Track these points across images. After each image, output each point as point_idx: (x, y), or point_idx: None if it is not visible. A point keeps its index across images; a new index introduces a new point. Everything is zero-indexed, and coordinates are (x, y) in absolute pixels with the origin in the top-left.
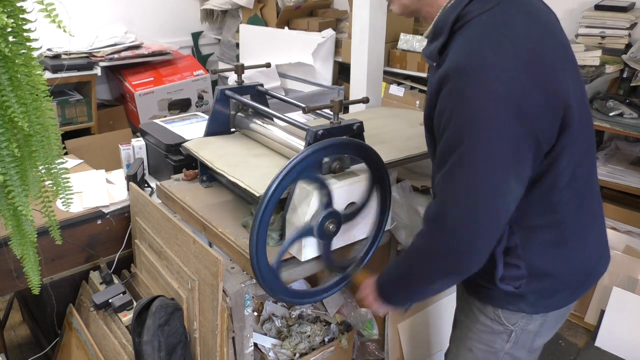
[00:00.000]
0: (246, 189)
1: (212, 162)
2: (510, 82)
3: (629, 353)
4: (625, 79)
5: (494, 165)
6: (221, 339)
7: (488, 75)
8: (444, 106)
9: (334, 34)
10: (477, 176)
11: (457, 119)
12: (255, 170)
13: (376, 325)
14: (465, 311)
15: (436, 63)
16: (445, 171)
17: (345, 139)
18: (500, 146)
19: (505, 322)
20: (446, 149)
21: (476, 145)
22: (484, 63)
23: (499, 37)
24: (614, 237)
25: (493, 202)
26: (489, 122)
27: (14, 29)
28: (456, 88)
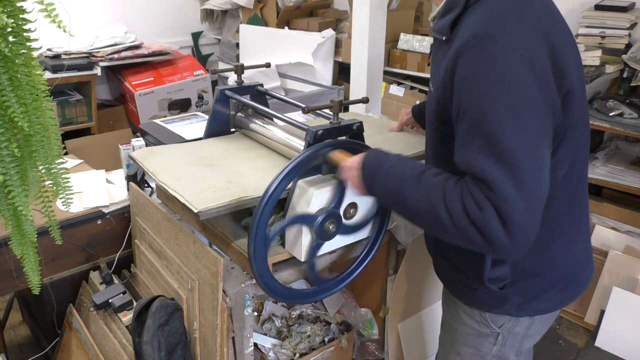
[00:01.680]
0: (185, 204)
1: (155, 173)
2: (533, 49)
3: (629, 353)
4: (625, 79)
5: (534, 132)
6: (221, 339)
7: (512, 39)
8: (466, 75)
9: (334, 34)
10: (518, 142)
11: (486, 82)
12: (199, 183)
13: (376, 325)
14: (452, 314)
15: (446, 37)
16: (478, 145)
17: (345, 139)
18: (535, 112)
19: (492, 324)
20: (475, 120)
21: (510, 110)
22: (507, 28)
23: (520, 8)
24: (614, 237)
25: (541, 177)
26: (519, 83)
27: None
28: (480, 52)
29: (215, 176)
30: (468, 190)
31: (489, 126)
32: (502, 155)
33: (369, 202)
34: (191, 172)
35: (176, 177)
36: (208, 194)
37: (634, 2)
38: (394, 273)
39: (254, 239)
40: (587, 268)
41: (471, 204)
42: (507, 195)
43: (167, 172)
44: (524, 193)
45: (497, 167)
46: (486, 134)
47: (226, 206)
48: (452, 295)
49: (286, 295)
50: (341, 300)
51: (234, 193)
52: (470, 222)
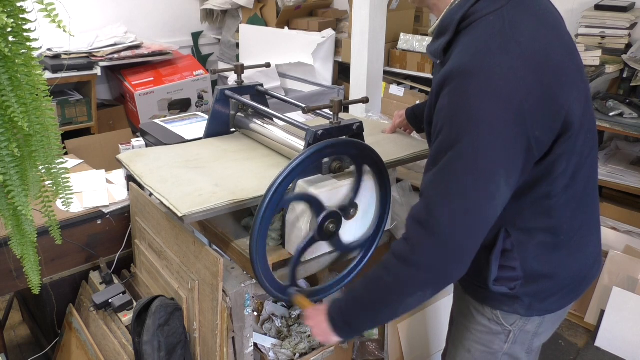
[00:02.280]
0: (169, 207)
1: (141, 176)
2: (514, 82)
3: (629, 353)
4: (625, 79)
5: (490, 168)
6: (221, 339)
7: (492, 75)
8: (444, 105)
9: (334, 34)
10: (471, 178)
11: (457, 117)
12: (185, 186)
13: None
14: (463, 311)
15: (440, 61)
16: (437, 170)
17: (345, 139)
18: (497, 149)
19: (504, 322)
20: (441, 148)
21: (474, 146)
22: (489, 62)
23: (505, 38)
24: (614, 237)
25: (486, 206)
26: (489, 123)
27: (14, 29)
28: (458, 87)
29: (202, 179)
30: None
31: (450, 159)
32: (450, 185)
33: (369, 203)
34: (177, 175)
35: (162, 180)
36: (193, 198)
37: (634, 2)
38: None
39: (256, 239)
40: (594, 266)
41: (401, 245)
42: (438, 215)
43: (153, 175)
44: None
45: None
46: (446, 165)
47: (211, 210)
48: (463, 292)
49: (286, 295)
50: None
51: (220, 197)
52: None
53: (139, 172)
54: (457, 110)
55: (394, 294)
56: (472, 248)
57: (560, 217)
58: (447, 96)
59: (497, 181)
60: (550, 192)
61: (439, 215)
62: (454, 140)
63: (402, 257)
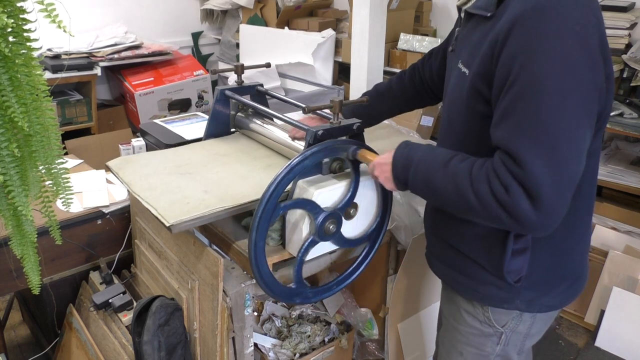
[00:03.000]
0: (157, 217)
1: (129, 184)
2: (588, 28)
3: (629, 353)
4: (625, 79)
5: (579, 115)
6: (221, 339)
7: (569, 15)
8: (518, 48)
9: (334, 34)
10: (565, 124)
11: (536, 59)
12: (173, 193)
13: (376, 325)
14: (453, 314)
15: (492, 13)
16: (519, 121)
17: (345, 139)
18: (584, 94)
19: (495, 324)
20: (520, 95)
21: (562, 89)
22: (564, 2)
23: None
24: (614, 237)
25: (580, 155)
26: (573, 64)
27: (14, 29)
28: (535, 26)
29: (192, 185)
30: (494, 170)
31: (535, 103)
32: (540, 134)
33: (369, 202)
34: (166, 182)
35: (150, 187)
36: (181, 206)
37: (634, 2)
38: (394, 273)
39: (255, 239)
40: (585, 267)
41: (497, 185)
42: (535, 173)
43: (141, 182)
44: (554, 173)
45: (533, 145)
46: (530, 110)
47: (200, 218)
48: (454, 295)
49: (286, 295)
50: (341, 300)
51: (209, 204)
52: (498, 203)
53: (128, 179)
54: (537, 49)
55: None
56: (567, 204)
57: (582, 200)
58: (522, 38)
59: (585, 128)
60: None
61: (535, 171)
62: (537, 83)
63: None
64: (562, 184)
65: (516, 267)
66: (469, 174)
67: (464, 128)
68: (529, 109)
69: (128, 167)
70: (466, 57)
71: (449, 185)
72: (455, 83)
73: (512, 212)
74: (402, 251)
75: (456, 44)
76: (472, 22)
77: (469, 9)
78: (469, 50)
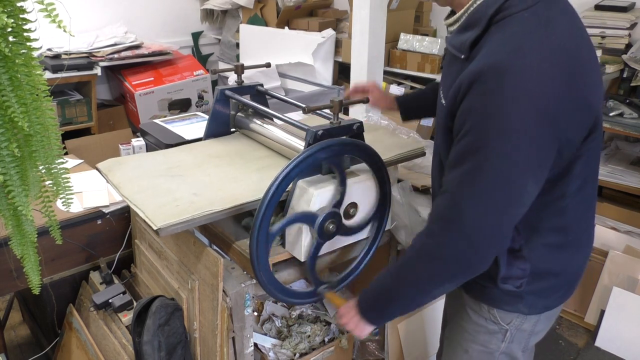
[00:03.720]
0: (145, 220)
1: (118, 187)
2: (547, 85)
3: (629, 353)
4: (625, 79)
5: (520, 170)
6: (221, 339)
7: (528, 76)
8: (474, 104)
9: (334, 34)
10: (502, 179)
11: (490, 118)
12: (163, 196)
13: None
14: (458, 311)
15: (465, 56)
16: (464, 170)
17: (345, 139)
18: (529, 151)
19: (501, 321)
20: (469, 148)
21: (507, 149)
22: (523, 63)
23: (540, 37)
24: (614, 237)
25: (515, 206)
26: (523, 126)
27: (14, 29)
28: (493, 87)
29: (182, 187)
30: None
31: (480, 159)
32: (479, 185)
33: (370, 202)
34: (156, 184)
35: (140, 190)
36: (170, 209)
37: (634, 2)
38: None
39: (256, 239)
40: (587, 262)
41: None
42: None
43: (131, 184)
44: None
45: (472, 194)
46: (475, 164)
47: (189, 222)
48: (459, 292)
49: (286, 295)
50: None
51: (198, 207)
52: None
53: (117, 182)
54: (491, 110)
55: (422, 286)
56: (499, 245)
57: (572, 217)
58: (479, 95)
59: (527, 183)
60: (565, 192)
61: (466, 214)
62: (485, 140)
63: (426, 254)
64: (494, 228)
65: (516, 274)
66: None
67: (442, 154)
68: (475, 162)
69: (118, 169)
70: (445, 88)
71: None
72: (438, 113)
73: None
74: (402, 251)
75: (442, 69)
76: (451, 54)
77: (446, 43)
78: (447, 82)
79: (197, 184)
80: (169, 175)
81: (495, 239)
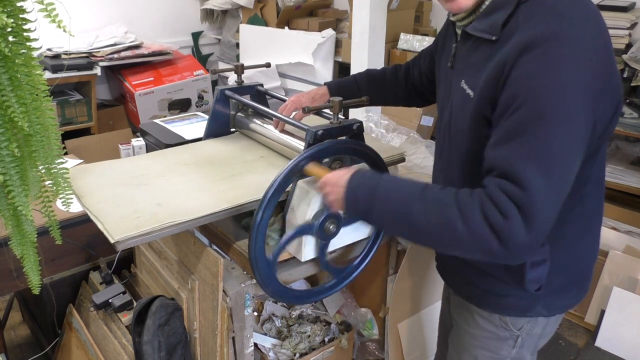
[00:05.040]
0: (103, 232)
1: (80, 196)
2: (598, 54)
3: (629, 353)
4: (626, 79)
5: (581, 136)
6: (221, 339)
7: (579, 42)
8: (528, 72)
9: (334, 34)
10: (568, 148)
11: (547, 85)
12: (124, 207)
13: (376, 325)
14: (465, 319)
15: (496, 37)
16: (524, 141)
17: (345, 139)
18: (584, 118)
19: (512, 327)
20: (527, 118)
21: (568, 114)
22: (574, 29)
23: (581, 9)
24: (614, 237)
25: (568, 185)
26: (580, 90)
27: (14, 29)
28: (546, 53)
29: (145, 197)
30: (489, 197)
31: (541, 128)
32: (544, 158)
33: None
34: (119, 194)
35: (102, 200)
36: (130, 221)
37: (634, 2)
38: (394, 273)
39: (255, 239)
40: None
41: (493, 212)
42: (538, 195)
43: (93, 194)
44: (552, 196)
45: (537, 168)
46: (536, 134)
47: (148, 234)
48: (465, 301)
49: (286, 296)
50: (341, 300)
51: (160, 218)
52: (491, 230)
53: (79, 191)
54: (547, 77)
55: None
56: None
57: (592, 205)
58: (531, 63)
59: (579, 154)
60: (590, 177)
61: (538, 193)
62: (544, 108)
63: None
64: (555, 207)
65: (536, 276)
66: (455, 201)
67: (467, 151)
68: (534, 132)
69: (83, 177)
70: (470, 78)
71: (430, 217)
72: (461, 105)
73: (505, 240)
74: (402, 251)
75: (455, 61)
76: (472, 41)
77: (469, 30)
78: (472, 71)
79: (161, 193)
80: (133, 184)
81: (551, 222)
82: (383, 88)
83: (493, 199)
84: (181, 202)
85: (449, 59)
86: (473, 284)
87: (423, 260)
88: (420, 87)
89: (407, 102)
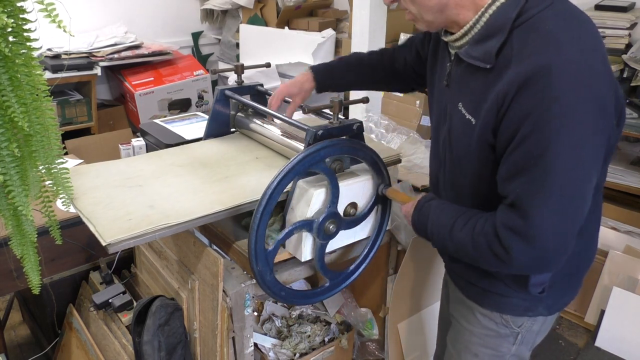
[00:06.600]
0: (95, 234)
1: (74, 198)
2: (597, 76)
3: (629, 353)
4: (625, 79)
5: (588, 168)
6: (221, 339)
7: (578, 70)
8: (530, 107)
9: (334, 34)
10: (574, 182)
11: (549, 119)
12: (117, 209)
13: (376, 325)
14: (465, 317)
15: (491, 65)
16: (530, 178)
17: (345, 139)
18: (592, 148)
19: (512, 325)
20: (534, 153)
21: (574, 147)
22: (571, 59)
23: (577, 31)
24: (614, 237)
25: (584, 207)
26: (585, 121)
27: (14, 29)
28: (547, 88)
29: (138, 199)
30: (496, 234)
31: (547, 162)
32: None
33: (368, 201)
34: (112, 196)
35: (94, 202)
36: (122, 223)
37: (634, 2)
38: (394, 273)
39: (254, 239)
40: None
41: (497, 247)
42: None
43: (86, 196)
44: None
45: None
46: (543, 168)
47: (140, 237)
48: (466, 299)
49: (286, 296)
50: (341, 300)
51: (152, 221)
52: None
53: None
54: (551, 109)
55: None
56: (568, 252)
57: (597, 214)
58: (533, 98)
59: (591, 181)
60: (598, 184)
61: (539, 225)
62: (549, 142)
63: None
64: (567, 234)
65: (540, 280)
66: (471, 240)
67: (474, 172)
68: (541, 167)
69: (77, 179)
70: (469, 104)
71: (460, 253)
72: (462, 129)
73: (511, 265)
74: (402, 251)
75: (450, 81)
76: (465, 65)
77: (462, 56)
78: (471, 97)
79: (155, 195)
80: (127, 186)
81: (568, 246)
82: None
83: (498, 234)
84: (174, 204)
85: (444, 77)
86: (479, 285)
87: (423, 261)
88: (403, 74)
89: (388, 87)
